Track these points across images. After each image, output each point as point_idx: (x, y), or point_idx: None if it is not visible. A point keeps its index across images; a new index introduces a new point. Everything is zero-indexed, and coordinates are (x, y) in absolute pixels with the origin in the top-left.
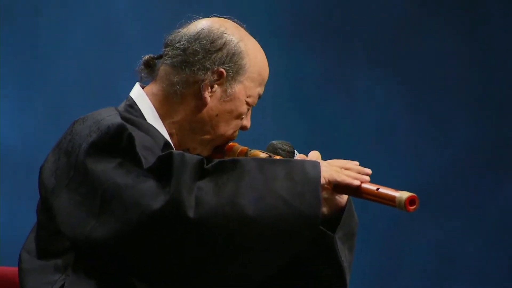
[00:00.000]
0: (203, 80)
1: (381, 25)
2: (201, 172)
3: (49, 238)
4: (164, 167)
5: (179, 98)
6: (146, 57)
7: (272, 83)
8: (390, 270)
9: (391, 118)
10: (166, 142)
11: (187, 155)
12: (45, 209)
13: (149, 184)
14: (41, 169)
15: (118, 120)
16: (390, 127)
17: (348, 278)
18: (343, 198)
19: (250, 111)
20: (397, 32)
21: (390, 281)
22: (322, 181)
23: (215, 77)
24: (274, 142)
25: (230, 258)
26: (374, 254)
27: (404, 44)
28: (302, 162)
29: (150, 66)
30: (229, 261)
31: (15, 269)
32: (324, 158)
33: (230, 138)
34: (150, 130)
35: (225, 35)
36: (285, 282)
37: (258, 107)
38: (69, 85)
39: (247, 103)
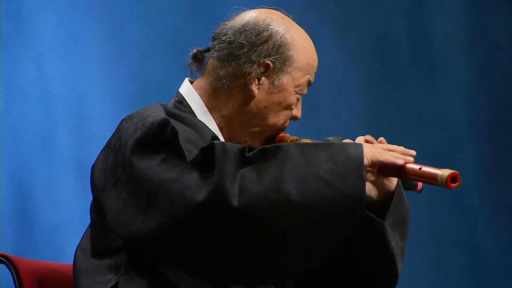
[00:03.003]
0: (249, 73)
1: None
2: (243, 160)
3: (102, 237)
4: (206, 158)
5: (227, 92)
6: (194, 50)
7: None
8: None
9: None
10: (214, 136)
11: (229, 144)
12: (97, 208)
13: (193, 176)
14: (92, 168)
15: (162, 115)
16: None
17: (400, 266)
18: (392, 183)
19: (300, 100)
20: None
21: None
22: (365, 162)
23: (262, 69)
24: (330, 138)
25: (277, 245)
26: None
27: None
28: (344, 144)
29: (198, 59)
30: (276, 249)
31: (71, 265)
32: None
33: (281, 129)
34: (197, 125)
35: (270, 26)
36: (335, 269)
37: (315, 102)
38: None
39: (296, 93)
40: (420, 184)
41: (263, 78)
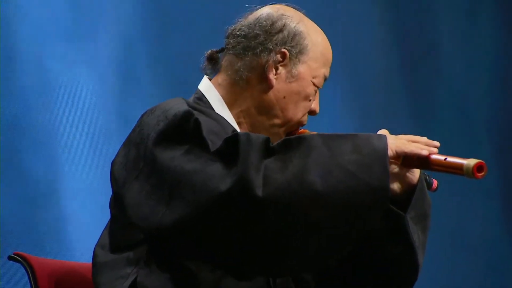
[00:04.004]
0: (266, 62)
1: None
2: (267, 151)
3: (121, 231)
4: (230, 149)
5: (245, 84)
6: (209, 51)
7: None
8: None
9: None
10: (234, 130)
11: (253, 135)
12: (117, 202)
13: (217, 167)
14: (112, 163)
15: (184, 107)
16: None
17: (420, 259)
18: (415, 175)
19: (317, 94)
20: None
21: None
22: (390, 153)
23: (279, 58)
24: None
25: (301, 237)
26: None
27: None
28: (368, 135)
29: (213, 59)
30: (299, 240)
31: (88, 264)
32: None
33: (300, 123)
34: (218, 119)
35: (284, 16)
36: (356, 262)
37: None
38: None
39: (314, 84)
40: (435, 183)
41: (280, 68)
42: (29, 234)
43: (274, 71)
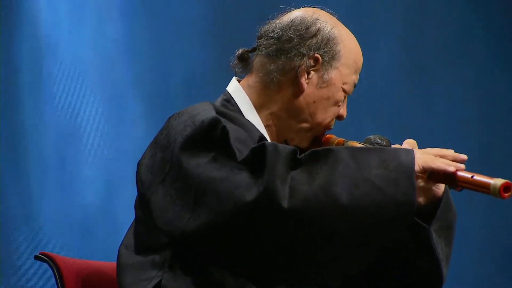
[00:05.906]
0: (299, 66)
1: None
2: (294, 162)
3: (147, 233)
4: (257, 158)
5: (276, 86)
6: (240, 50)
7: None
8: None
9: None
10: (262, 136)
11: (280, 145)
12: (143, 204)
13: (243, 176)
14: (138, 165)
15: (212, 114)
16: None
17: (445, 271)
18: (440, 188)
19: (346, 99)
20: None
21: None
22: (416, 168)
23: (311, 62)
24: (371, 136)
25: (324, 248)
26: None
27: None
28: (395, 150)
29: (244, 59)
30: (323, 251)
31: (113, 264)
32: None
33: (327, 127)
34: (245, 124)
35: (318, 21)
36: (380, 273)
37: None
38: None
39: (343, 90)
40: None
41: (312, 73)
42: (56, 234)
43: (306, 76)
